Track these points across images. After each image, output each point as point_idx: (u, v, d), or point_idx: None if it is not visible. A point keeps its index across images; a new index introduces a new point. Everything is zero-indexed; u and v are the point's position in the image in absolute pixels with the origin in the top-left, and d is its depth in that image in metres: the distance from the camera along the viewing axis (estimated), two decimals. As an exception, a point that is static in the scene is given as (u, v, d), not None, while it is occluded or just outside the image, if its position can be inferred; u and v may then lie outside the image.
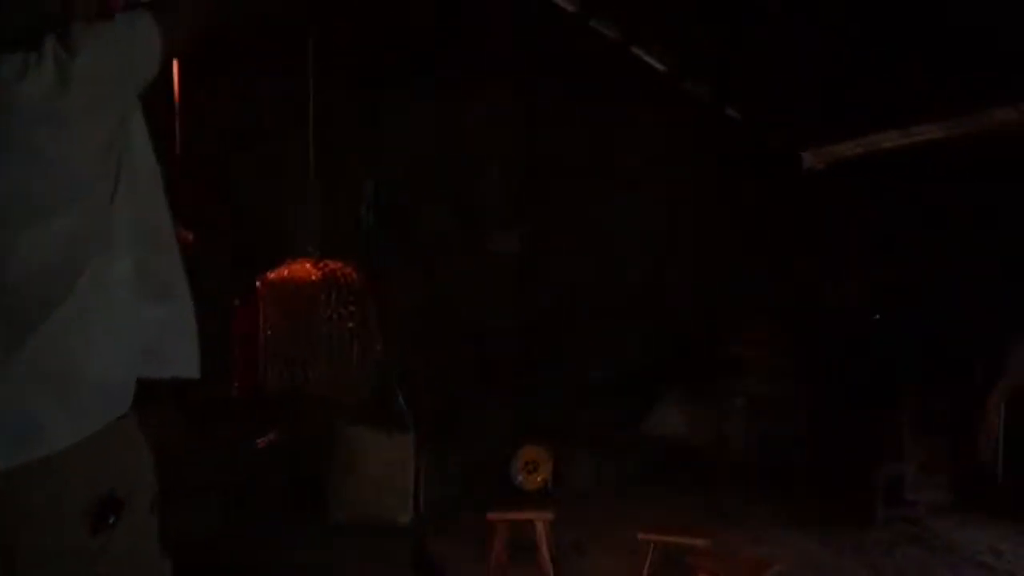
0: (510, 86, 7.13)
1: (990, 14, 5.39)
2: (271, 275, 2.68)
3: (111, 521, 1.62)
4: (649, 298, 7.52)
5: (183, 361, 1.75)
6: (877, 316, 6.48)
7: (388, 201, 6.27)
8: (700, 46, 7.22)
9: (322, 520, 3.24)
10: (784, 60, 6.89)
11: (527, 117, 7.26)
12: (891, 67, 6.27)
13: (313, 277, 2.61)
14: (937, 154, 6.57)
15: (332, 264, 2.68)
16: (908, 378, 6.02)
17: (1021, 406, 5.58)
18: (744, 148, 7.71)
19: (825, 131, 7.45)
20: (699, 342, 7.01)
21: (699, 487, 5.96)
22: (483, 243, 7.00)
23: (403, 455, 3.07)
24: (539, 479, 5.73)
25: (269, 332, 2.48)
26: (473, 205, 7.15)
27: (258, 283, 2.67)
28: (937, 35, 5.80)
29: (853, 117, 7.02)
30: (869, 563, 4.71)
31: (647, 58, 7.51)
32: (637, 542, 4.60)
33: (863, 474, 5.45)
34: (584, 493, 6.02)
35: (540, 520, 4.63)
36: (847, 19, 6.33)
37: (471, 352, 6.71)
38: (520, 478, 5.72)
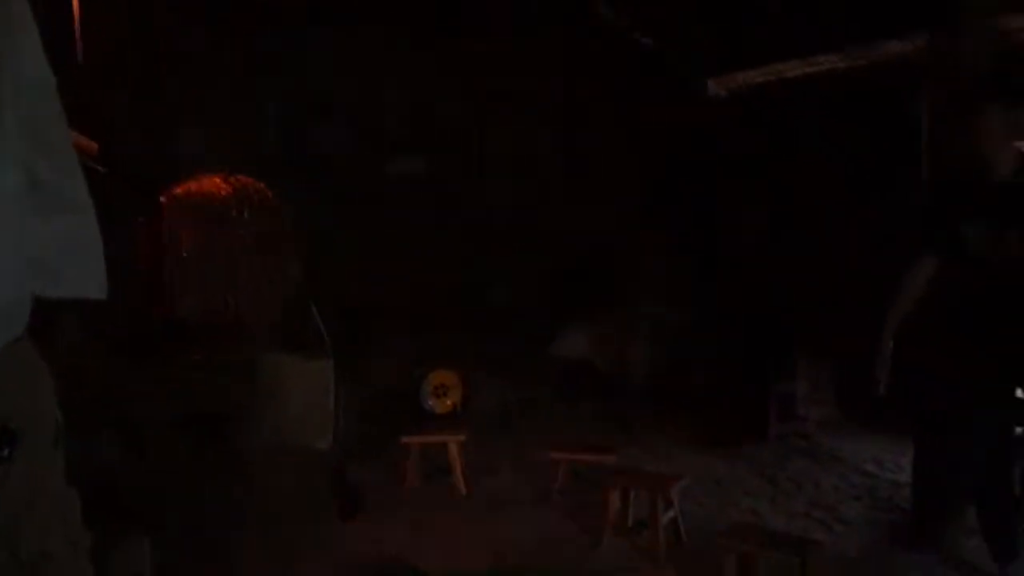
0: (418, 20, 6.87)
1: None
2: (178, 189, 2.47)
3: (5, 454, 1.49)
4: (551, 223, 7.54)
5: (87, 280, 1.61)
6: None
7: (290, 124, 5.99)
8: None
9: (234, 450, 3.14)
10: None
11: (434, 46, 7.04)
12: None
13: (223, 191, 2.42)
14: (836, 84, 6.77)
15: (243, 179, 2.49)
16: (800, 303, 6.29)
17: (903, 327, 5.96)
18: (650, 74, 7.72)
19: (729, 59, 7.53)
20: (602, 268, 7.10)
21: (604, 408, 6.12)
22: (384, 167, 6.82)
23: (323, 380, 2.98)
24: (449, 403, 5.74)
25: (185, 254, 2.29)
26: (374, 129, 6.93)
27: (162, 198, 2.46)
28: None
29: (757, 46, 7.12)
30: (765, 475, 4.97)
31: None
32: (546, 461, 4.70)
33: (758, 393, 5.70)
34: (492, 416, 6.09)
35: (453, 442, 4.66)
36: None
37: (378, 277, 6.60)
38: (430, 402, 5.72)
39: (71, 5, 2.83)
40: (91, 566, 1.80)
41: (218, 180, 2.37)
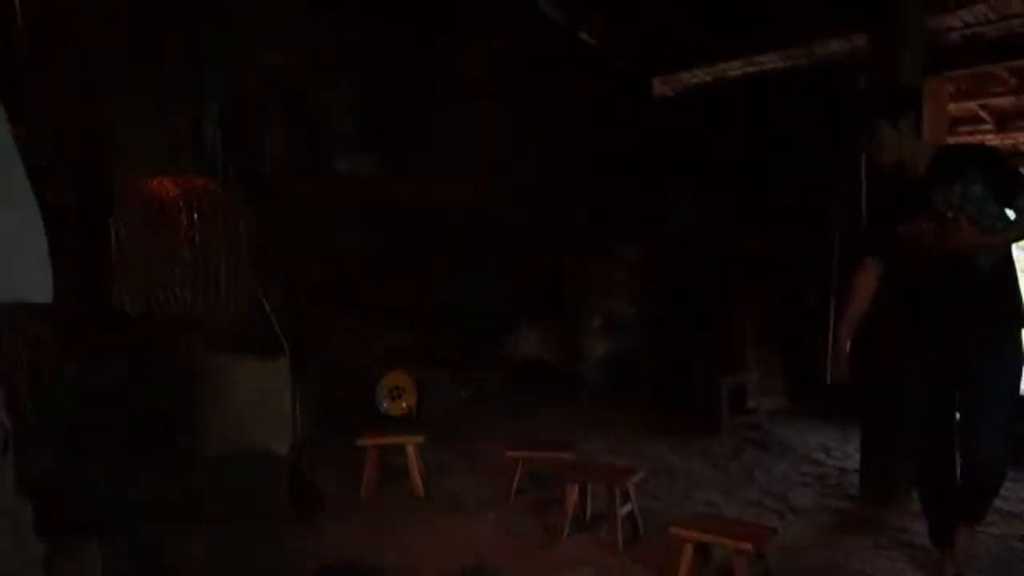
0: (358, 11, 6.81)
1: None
2: (126, 185, 2.42)
3: None
4: (502, 222, 7.55)
5: (31, 284, 1.53)
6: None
7: (233, 123, 5.89)
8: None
9: (183, 454, 3.07)
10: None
11: (375, 39, 6.98)
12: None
13: (171, 192, 2.37)
14: (776, 82, 6.92)
15: (195, 180, 2.45)
16: (748, 296, 6.42)
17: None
18: (597, 73, 7.81)
19: (674, 59, 7.65)
20: (553, 265, 7.14)
21: (557, 404, 6.17)
22: (332, 166, 6.73)
23: (277, 381, 2.94)
24: (404, 405, 5.72)
25: (120, 251, 2.24)
26: (321, 128, 6.84)
27: (105, 194, 2.40)
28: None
29: (700, 46, 7.24)
30: (718, 466, 5.07)
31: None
32: (501, 460, 4.72)
33: (709, 386, 5.79)
34: (446, 415, 6.09)
35: (410, 443, 4.64)
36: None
37: (327, 279, 6.52)
38: (385, 404, 5.69)
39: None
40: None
41: (166, 179, 2.31)
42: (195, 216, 2.36)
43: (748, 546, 3.34)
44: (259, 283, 2.84)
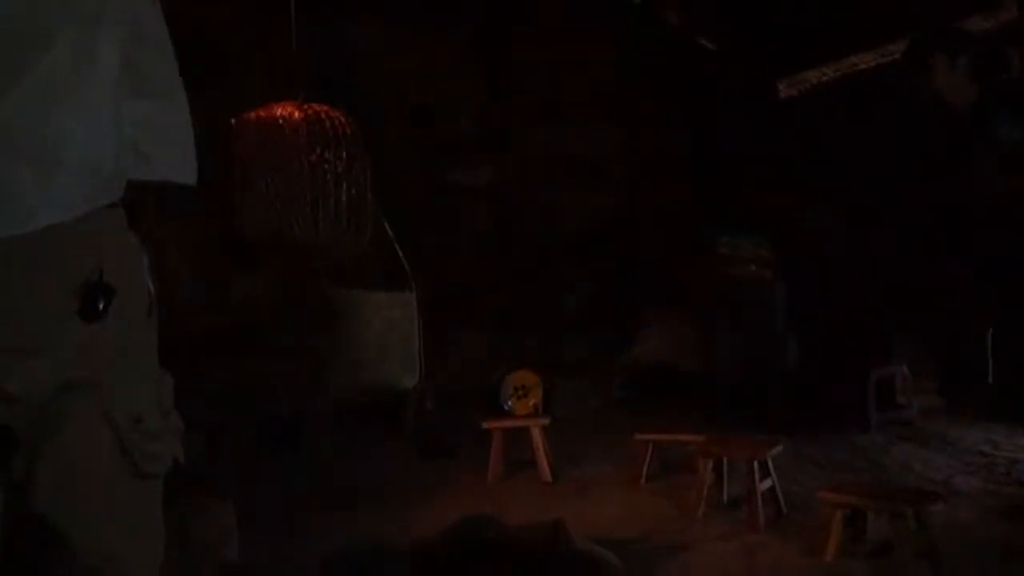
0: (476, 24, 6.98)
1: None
2: (248, 114, 2.51)
3: (101, 307, 1.48)
4: (622, 227, 7.44)
5: (177, 165, 1.65)
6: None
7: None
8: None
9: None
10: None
11: (495, 54, 7.13)
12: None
13: (296, 116, 2.44)
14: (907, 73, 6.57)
15: (318, 107, 2.51)
16: (893, 290, 6.01)
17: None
18: (717, 77, 7.66)
19: (798, 57, 7.42)
20: (675, 266, 6.94)
21: (688, 405, 5.91)
22: (451, 176, 6.84)
23: (405, 313, 2.92)
24: (530, 404, 5.60)
25: (242, 170, 2.31)
26: (442, 139, 6.99)
27: (233, 121, 2.50)
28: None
29: (825, 41, 7.00)
30: (869, 458, 4.69)
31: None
32: (631, 451, 4.53)
33: (855, 383, 5.41)
34: (573, 419, 5.94)
35: (536, 426, 4.54)
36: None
37: (448, 287, 6.57)
38: (510, 404, 5.59)
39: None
40: (180, 448, 1.77)
41: (291, 106, 2.37)
42: (317, 143, 2.41)
43: (909, 511, 3.03)
44: (384, 214, 2.86)
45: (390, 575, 2.79)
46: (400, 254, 2.91)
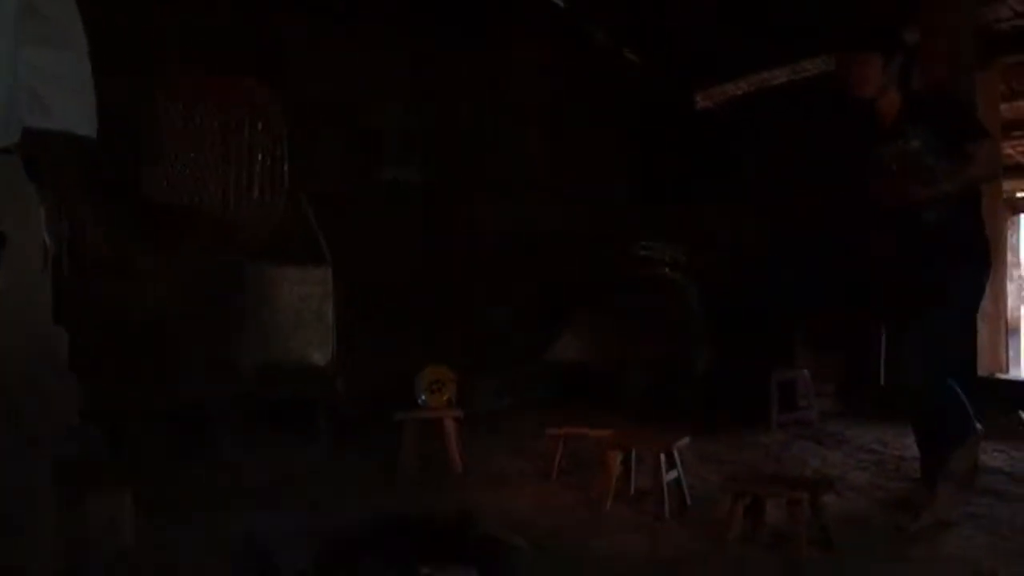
0: (406, 25, 6.97)
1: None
2: (164, 83, 2.44)
3: None
4: (545, 235, 7.54)
5: (77, 116, 1.62)
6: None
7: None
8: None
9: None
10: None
11: (423, 53, 7.12)
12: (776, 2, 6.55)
13: (213, 85, 2.38)
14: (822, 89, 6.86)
15: (237, 78, 2.45)
16: (799, 301, 6.26)
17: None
18: (640, 89, 7.85)
19: (713, 71, 7.67)
20: (596, 272, 7.06)
21: (603, 405, 6.00)
22: (381, 172, 6.80)
23: (318, 289, 2.88)
24: (444, 398, 5.60)
25: (153, 141, 2.25)
26: (369, 138, 6.93)
27: (148, 90, 2.43)
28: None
29: (741, 56, 7.25)
30: (770, 455, 4.85)
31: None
32: (543, 447, 4.58)
33: (757, 385, 5.59)
34: (488, 416, 5.96)
35: (449, 417, 4.54)
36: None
37: (370, 284, 6.52)
38: (423, 398, 5.57)
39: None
40: (76, 411, 1.72)
41: (209, 77, 2.32)
42: (232, 112, 2.36)
43: (804, 496, 3.16)
44: (303, 193, 2.82)
45: (296, 558, 2.74)
46: (316, 228, 2.87)
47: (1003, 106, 6.89)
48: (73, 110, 1.64)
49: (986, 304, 5.06)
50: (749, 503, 3.30)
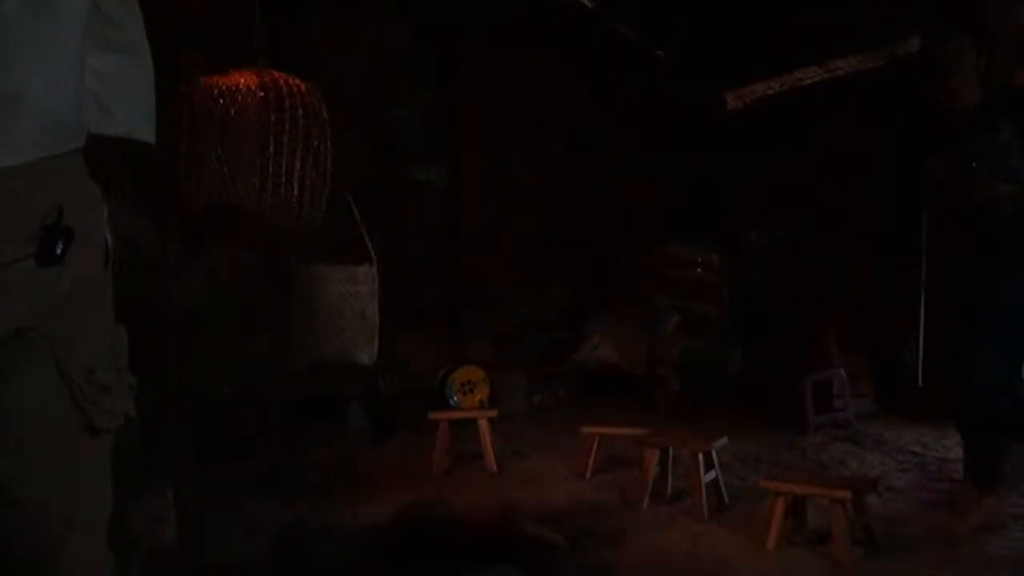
0: (434, 29, 7.00)
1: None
2: (201, 79, 2.46)
3: (59, 251, 1.44)
4: (574, 236, 7.54)
5: (138, 121, 1.62)
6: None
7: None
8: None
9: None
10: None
11: (449, 55, 7.15)
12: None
13: (251, 81, 2.39)
14: (854, 89, 6.79)
15: (277, 74, 2.47)
16: (831, 299, 6.19)
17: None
18: (669, 89, 7.81)
19: (745, 71, 7.61)
20: (626, 272, 7.04)
21: (633, 405, 5.98)
22: (407, 175, 6.83)
23: (363, 288, 2.89)
24: (476, 399, 5.62)
25: (188, 138, 2.26)
26: (395, 139, 6.96)
27: (184, 86, 2.43)
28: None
29: (773, 55, 7.19)
30: (807, 456, 4.80)
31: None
32: (578, 446, 4.56)
33: (792, 385, 5.54)
34: (521, 415, 5.96)
35: (483, 418, 4.54)
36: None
37: (397, 283, 6.54)
38: (456, 399, 5.59)
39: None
40: (133, 405, 1.72)
41: (247, 72, 2.31)
42: (272, 108, 2.37)
43: (847, 495, 3.12)
44: (349, 190, 2.83)
45: (337, 556, 2.76)
46: (362, 227, 2.88)
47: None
48: (136, 115, 1.65)
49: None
50: (790, 503, 3.28)
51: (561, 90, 7.65)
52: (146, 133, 1.65)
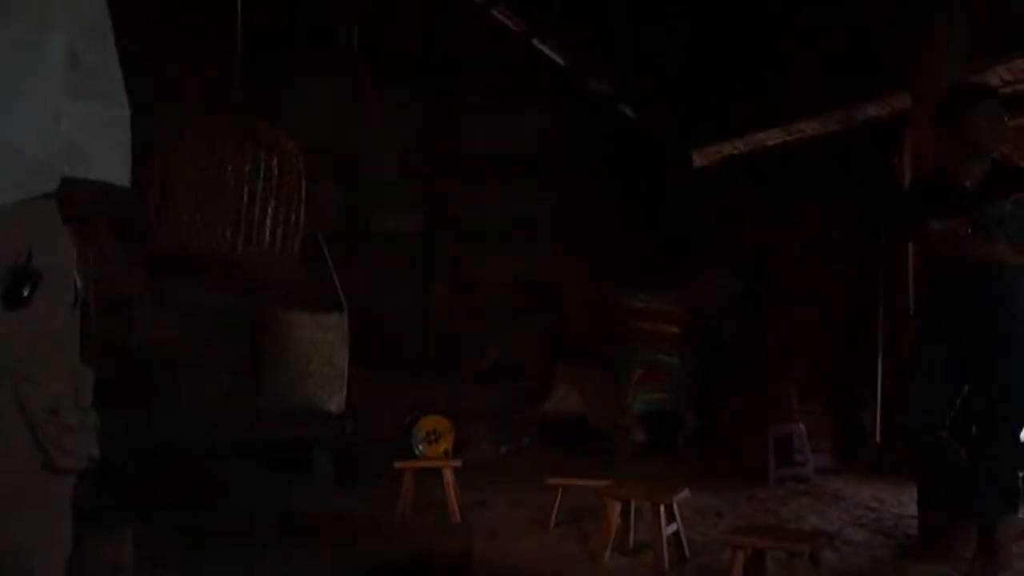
0: (410, 76, 7.15)
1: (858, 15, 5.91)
2: (178, 129, 2.50)
3: (26, 294, 1.47)
4: (542, 287, 7.64)
5: (113, 166, 1.67)
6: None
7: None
8: (599, 43, 7.50)
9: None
10: (673, 60, 7.27)
11: (425, 104, 7.28)
12: (773, 66, 6.72)
13: (227, 130, 2.44)
14: (814, 149, 7.02)
15: (255, 124, 2.51)
16: (792, 352, 6.32)
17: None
18: (638, 145, 8.01)
19: (711, 130, 7.84)
20: (593, 324, 7.13)
21: (598, 455, 6.01)
22: (380, 221, 6.90)
23: (331, 335, 2.90)
24: (441, 448, 5.60)
25: (161, 182, 2.29)
26: (370, 187, 7.05)
27: (160, 134, 2.46)
28: (810, 35, 6.28)
29: (737, 117, 7.42)
30: (767, 509, 4.86)
31: (548, 51, 7.73)
32: (540, 498, 4.57)
33: (755, 438, 5.62)
34: (484, 465, 5.95)
35: (447, 467, 4.54)
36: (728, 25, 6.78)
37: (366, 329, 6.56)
38: (421, 448, 5.57)
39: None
40: (96, 446, 1.73)
41: (223, 123, 2.36)
42: (247, 157, 2.41)
43: (805, 548, 3.18)
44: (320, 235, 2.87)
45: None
46: (334, 275, 2.91)
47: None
48: (110, 160, 1.70)
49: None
50: (749, 556, 3.32)
51: (534, 139, 7.82)
52: (121, 178, 1.69)
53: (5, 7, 1.45)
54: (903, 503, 4.94)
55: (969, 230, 3.27)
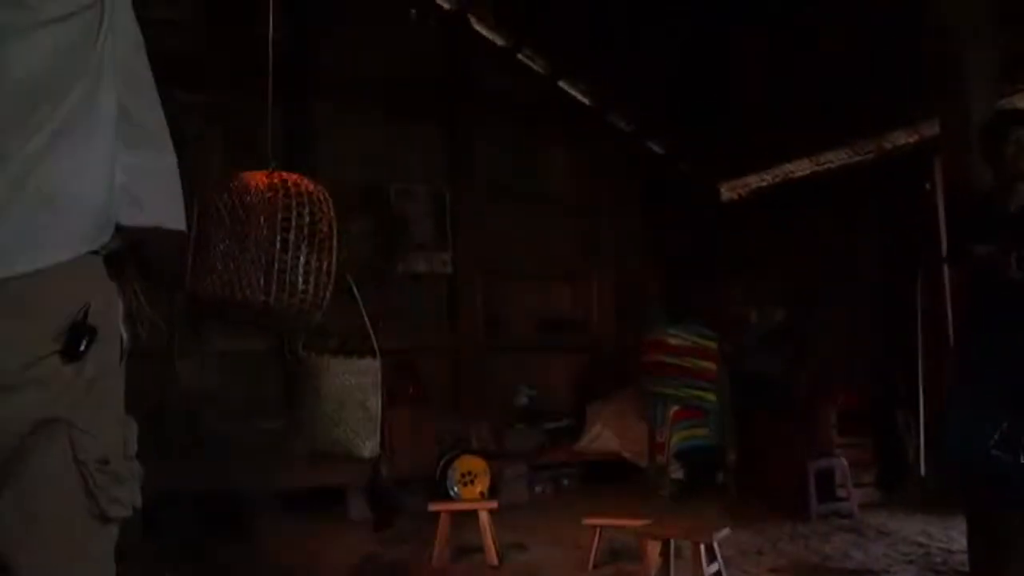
0: (438, 117, 7.26)
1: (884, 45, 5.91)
2: (212, 180, 2.55)
3: (83, 348, 1.51)
4: (572, 322, 7.65)
5: (166, 210, 1.71)
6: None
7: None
8: (624, 83, 7.58)
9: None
10: (699, 96, 7.31)
11: (454, 146, 7.38)
12: (799, 98, 6.72)
13: (261, 180, 2.50)
14: (843, 180, 6.99)
15: (287, 174, 2.57)
16: (832, 382, 6.21)
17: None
18: (665, 180, 8.04)
19: (738, 164, 7.85)
20: (624, 359, 7.10)
21: (635, 493, 5.94)
22: (411, 264, 6.96)
23: (368, 379, 2.92)
24: (477, 490, 5.56)
25: (195, 233, 2.35)
26: (398, 228, 7.12)
27: (195, 186, 2.50)
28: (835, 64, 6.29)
29: (765, 149, 7.42)
30: (809, 547, 4.75)
31: (573, 91, 7.82)
32: (579, 538, 4.52)
33: (793, 474, 5.52)
34: (521, 506, 5.91)
35: (483, 510, 4.51)
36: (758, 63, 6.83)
37: (401, 373, 6.58)
38: (456, 489, 5.55)
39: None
40: (139, 495, 1.76)
41: (258, 173, 2.39)
42: (280, 206, 2.46)
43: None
44: (352, 280, 2.91)
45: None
46: (366, 320, 2.95)
47: None
48: (164, 206, 1.75)
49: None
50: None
51: (561, 176, 7.89)
52: (175, 221, 1.74)
53: (70, 77, 1.51)
54: (952, 538, 4.81)
55: (1015, 254, 3.25)
